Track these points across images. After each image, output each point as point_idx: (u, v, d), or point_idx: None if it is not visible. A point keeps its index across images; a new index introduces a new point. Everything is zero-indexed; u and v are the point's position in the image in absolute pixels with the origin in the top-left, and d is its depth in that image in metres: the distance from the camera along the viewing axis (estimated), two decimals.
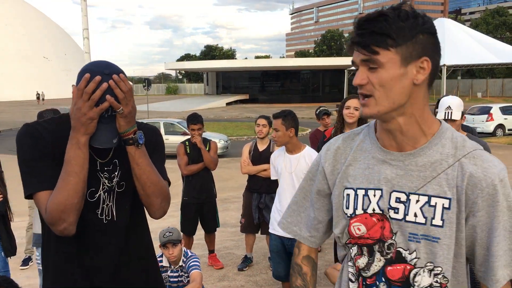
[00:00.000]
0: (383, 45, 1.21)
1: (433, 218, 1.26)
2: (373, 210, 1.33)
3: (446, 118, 3.76)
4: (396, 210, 1.30)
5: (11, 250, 3.94)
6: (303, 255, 1.59)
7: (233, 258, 5.95)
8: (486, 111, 20.79)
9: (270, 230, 4.20)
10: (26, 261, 5.88)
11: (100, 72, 1.67)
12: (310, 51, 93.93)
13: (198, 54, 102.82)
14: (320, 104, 7.52)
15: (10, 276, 3.95)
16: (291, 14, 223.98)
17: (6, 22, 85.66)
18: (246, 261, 5.64)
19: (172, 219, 7.53)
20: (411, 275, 1.30)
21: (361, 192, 1.36)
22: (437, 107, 5.01)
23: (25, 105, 54.55)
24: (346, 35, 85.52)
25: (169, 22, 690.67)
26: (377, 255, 1.35)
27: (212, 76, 57.63)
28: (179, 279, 3.90)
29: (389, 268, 1.33)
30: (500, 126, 20.96)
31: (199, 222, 5.68)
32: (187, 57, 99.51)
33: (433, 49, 1.25)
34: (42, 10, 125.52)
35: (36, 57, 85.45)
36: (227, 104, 46.47)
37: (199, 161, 5.43)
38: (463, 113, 3.83)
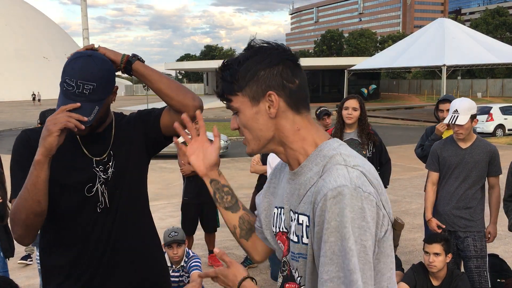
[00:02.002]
0: (231, 92, 1.29)
1: (302, 236, 1.25)
2: (282, 228, 1.37)
3: (451, 122, 3.74)
4: (290, 229, 1.31)
5: (10, 250, 3.94)
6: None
7: (233, 259, 5.95)
8: (486, 111, 20.77)
9: None
10: (25, 257, 5.84)
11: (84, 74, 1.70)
12: (310, 51, 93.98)
13: (198, 54, 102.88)
14: (320, 104, 7.49)
15: (9, 276, 3.95)
16: (291, 14, 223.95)
17: (6, 22, 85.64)
18: (246, 261, 5.64)
19: (172, 219, 7.54)
20: None
21: (277, 211, 1.40)
22: (437, 108, 5.01)
23: (25, 105, 54.54)
24: (346, 35, 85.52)
25: (169, 22, 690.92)
26: (279, 272, 1.40)
27: (212, 76, 57.59)
28: (180, 279, 3.90)
29: (286, 285, 1.35)
30: (500, 126, 20.96)
31: (199, 222, 5.68)
32: (187, 57, 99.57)
33: (280, 79, 1.26)
34: (41, 10, 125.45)
35: (36, 57, 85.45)
36: None
37: None
38: (474, 116, 3.75)
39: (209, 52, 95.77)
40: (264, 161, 5.37)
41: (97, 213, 1.85)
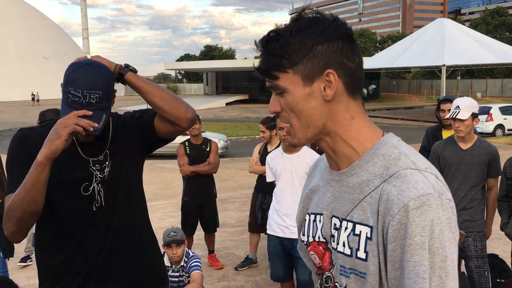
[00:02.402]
0: (279, 68, 1.09)
1: (357, 249, 1.06)
2: (319, 238, 1.19)
3: (452, 117, 3.76)
4: (333, 239, 1.13)
5: (10, 251, 3.94)
6: None
7: (232, 258, 5.95)
8: (486, 111, 20.77)
9: (268, 231, 4.14)
10: (24, 259, 5.86)
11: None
12: None
13: (197, 54, 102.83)
14: None
15: (8, 276, 3.95)
16: (291, 14, 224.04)
17: (5, 22, 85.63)
18: (246, 261, 5.64)
19: (172, 219, 7.54)
20: None
21: (312, 218, 1.22)
22: (438, 108, 5.01)
23: (24, 105, 54.54)
24: None
25: (168, 22, 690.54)
26: (315, 282, 1.22)
27: (211, 76, 57.60)
28: (180, 279, 3.90)
29: None
30: (500, 126, 20.97)
31: (198, 222, 5.68)
32: (186, 57, 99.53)
33: (339, 55, 1.07)
34: (41, 10, 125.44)
35: (35, 57, 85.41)
36: (227, 104, 46.46)
37: (199, 161, 5.44)
38: (476, 115, 3.76)
39: (209, 52, 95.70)
40: (263, 161, 5.36)
41: (93, 212, 1.86)
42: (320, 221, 1.18)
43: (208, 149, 5.48)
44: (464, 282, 3.66)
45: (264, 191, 5.34)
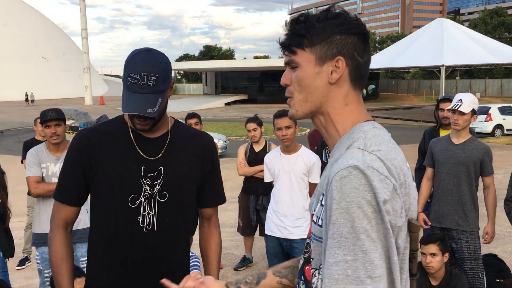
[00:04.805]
0: (299, 45, 1.24)
1: (319, 217, 1.20)
2: (312, 211, 1.32)
3: (454, 108, 3.77)
4: (314, 212, 1.28)
5: (9, 251, 3.93)
6: None
7: (231, 258, 5.95)
8: (485, 111, 20.78)
9: (267, 232, 4.14)
10: (23, 261, 5.85)
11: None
12: None
13: (196, 54, 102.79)
14: None
15: (8, 276, 3.95)
16: (290, 14, 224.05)
17: (4, 22, 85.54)
18: (244, 261, 5.64)
19: None
20: (312, 275, 1.25)
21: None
22: (437, 107, 5.02)
23: (23, 105, 54.45)
24: None
25: (167, 22, 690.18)
26: (302, 254, 1.36)
27: (210, 76, 57.59)
28: None
29: (306, 267, 1.29)
30: (499, 126, 20.99)
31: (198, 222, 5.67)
32: (185, 57, 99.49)
33: (351, 48, 1.22)
34: (40, 10, 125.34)
35: (34, 57, 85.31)
36: (226, 104, 46.44)
37: None
38: (475, 112, 3.81)
39: (208, 52, 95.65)
40: (251, 162, 5.32)
41: (139, 227, 1.85)
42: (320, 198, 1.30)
43: None
44: (463, 282, 3.66)
45: (255, 192, 5.32)
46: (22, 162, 5.58)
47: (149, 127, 1.83)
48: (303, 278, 1.30)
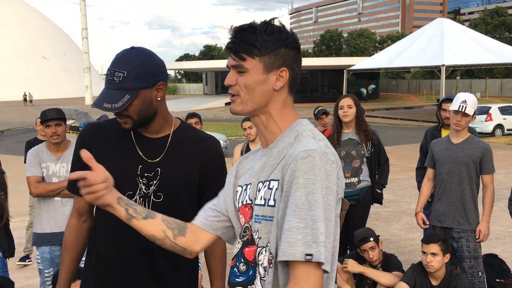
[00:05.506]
0: (249, 53, 1.39)
1: (269, 199, 1.37)
2: (246, 201, 1.48)
3: (460, 110, 3.76)
4: (256, 198, 1.44)
5: (9, 251, 3.93)
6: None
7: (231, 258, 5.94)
8: (485, 111, 20.77)
9: None
10: (23, 259, 5.84)
11: None
12: (309, 51, 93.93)
13: (197, 54, 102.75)
14: (319, 104, 7.49)
15: (8, 276, 3.95)
16: (290, 14, 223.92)
17: (4, 22, 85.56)
18: None
19: None
20: (257, 254, 1.41)
21: (243, 188, 1.52)
22: (439, 107, 5.01)
23: (22, 106, 54.46)
24: (345, 35, 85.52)
25: (168, 22, 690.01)
26: (238, 238, 1.51)
27: (211, 76, 57.59)
28: None
29: (246, 249, 1.46)
30: (499, 126, 20.97)
31: None
32: (186, 57, 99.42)
33: (292, 61, 1.43)
34: (40, 10, 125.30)
35: (35, 57, 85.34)
36: (226, 104, 46.41)
37: None
38: (475, 112, 3.82)
39: (208, 52, 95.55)
40: None
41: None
42: (249, 188, 1.48)
43: None
44: (463, 282, 3.66)
45: None
46: (25, 162, 5.58)
47: (129, 126, 1.80)
48: (242, 260, 1.48)
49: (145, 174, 1.84)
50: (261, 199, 1.40)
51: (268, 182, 1.39)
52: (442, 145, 3.95)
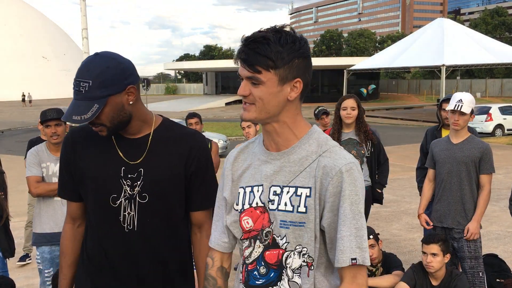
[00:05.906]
0: (265, 67, 1.41)
1: (298, 206, 1.45)
2: (257, 203, 1.52)
3: (456, 109, 3.77)
4: (272, 202, 1.49)
5: (9, 251, 3.93)
6: (217, 266, 1.69)
7: (232, 258, 5.94)
8: (485, 111, 20.78)
9: None
10: (23, 258, 5.83)
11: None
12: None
13: (197, 54, 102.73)
14: (319, 104, 7.48)
15: (8, 276, 3.94)
16: (290, 14, 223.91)
17: (4, 22, 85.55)
18: None
19: None
20: (284, 258, 1.48)
21: (248, 190, 1.55)
22: (440, 107, 5.01)
23: (20, 106, 54.43)
24: (345, 35, 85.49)
25: (168, 22, 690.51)
26: (257, 242, 1.54)
27: (211, 76, 57.60)
28: None
29: (267, 253, 1.51)
30: (499, 126, 20.97)
31: None
32: (186, 57, 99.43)
33: (305, 70, 1.46)
34: (40, 10, 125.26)
35: (35, 57, 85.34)
36: (226, 104, 46.45)
37: None
38: (472, 111, 3.82)
39: (208, 52, 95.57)
40: None
41: (121, 226, 1.84)
42: (258, 190, 1.52)
43: None
44: (463, 282, 3.66)
45: None
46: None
47: (105, 133, 1.78)
48: (263, 263, 1.52)
49: (129, 176, 1.82)
50: (286, 205, 1.46)
51: (294, 189, 1.46)
52: (442, 145, 3.95)
